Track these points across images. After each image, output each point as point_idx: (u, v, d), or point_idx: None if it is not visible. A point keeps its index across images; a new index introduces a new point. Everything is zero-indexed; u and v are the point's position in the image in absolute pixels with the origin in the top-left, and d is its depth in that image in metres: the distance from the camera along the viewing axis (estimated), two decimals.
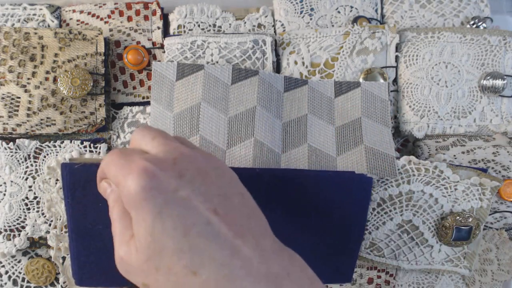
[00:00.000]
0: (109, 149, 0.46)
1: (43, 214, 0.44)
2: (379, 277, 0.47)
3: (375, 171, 0.42)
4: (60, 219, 0.43)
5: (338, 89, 0.46)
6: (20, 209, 0.43)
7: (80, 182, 0.35)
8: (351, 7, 0.49)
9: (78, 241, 0.37)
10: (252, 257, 0.25)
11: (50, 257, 0.45)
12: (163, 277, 0.25)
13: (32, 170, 0.44)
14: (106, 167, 0.28)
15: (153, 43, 0.48)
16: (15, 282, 0.45)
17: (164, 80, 0.43)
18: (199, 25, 0.49)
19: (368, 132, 0.44)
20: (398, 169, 0.43)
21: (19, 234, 0.43)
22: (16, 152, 0.44)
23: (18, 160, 0.44)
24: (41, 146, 0.44)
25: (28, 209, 0.43)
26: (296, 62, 0.47)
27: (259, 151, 0.42)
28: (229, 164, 0.42)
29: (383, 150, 0.43)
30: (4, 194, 0.43)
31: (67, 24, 0.49)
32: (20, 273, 0.45)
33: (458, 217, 0.42)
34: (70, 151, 0.44)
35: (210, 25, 0.49)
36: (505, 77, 0.46)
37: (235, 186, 0.28)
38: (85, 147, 0.44)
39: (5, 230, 0.43)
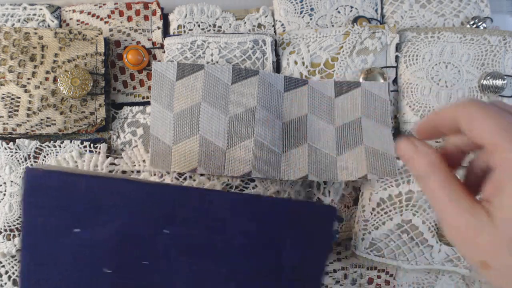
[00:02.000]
0: (109, 149, 0.46)
1: None
2: (379, 277, 0.47)
3: (375, 171, 0.42)
4: None
5: (338, 89, 0.46)
6: (20, 209, 0.43)
7: (39, 187, 0.34)
8: (351, 7, 0.49)
9: (30, 250, 0.34)
10: None
11: None
12: None
13: None
14: (482, 119, 0.23)
15: (153, 43, 0.48)
16: (15, 282, 0.45)
17: (164, 80, 0.43)
18: (199, 25, 0.49)
19: (368, 132, 0.44)
20: (398, 169, 0.43)
21: (19, 234, 0.43)
22: (16, 152, 0.44)
23: (18, 160, 0.44)
24: (41, 146, 0.44)
25: None
26: (296, 62, 0.47)
27: (259, 151, 0.42)
28: (229, 164, 0.42)
29: (383, 150, 0.43)
30: (4, 194, 0.44)
31: (67, 24, 0.49)
32: None
33: None
34: (70, 151, 0.44)
35: (210, 25, 0.49)
36: (505, 77, 0.46)
37: None
38: (85, 147, 0.45)
39: (5, 230, 0.43)
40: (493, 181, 0.23)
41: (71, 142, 0.45)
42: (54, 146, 0.44)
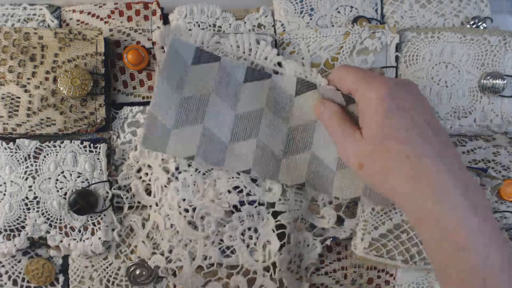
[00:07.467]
0: (109, 149, 0.46)
1: (43, 214, 0.44)
2: (379, 277, 0.47)
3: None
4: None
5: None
6: (20, 209, 0.43)
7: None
8: (351, 7, 0.49)
9: None
10: (453, 172, 0.32)
11: (50, 257, 0.45)
12: (379, 156, 0.34)
13: (32, 170, 0.44)
14: (346, 74, 0.38)
15: (153, 43, 0.48)
16: (15, 282, 0.45)
17: (179, 60, 0.41)
18: (199, 25, 0.49)
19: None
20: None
21: (19, 234, 0.43)
22: (16, 152, 0.44)
23: (18, 160, 0.44)
24: (41, 146, 0.44)
25: (28, 209, 0.43)
26: None
27: (261, 152, 0.42)
28: (229, 159, 0.41)
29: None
30: (4, 194, 0.44)
31: (67, 24, 0.49)
32: (20, 273, 0.45)
33: None
34: (70, 151, 0.44)
35: (210, 25, 0.49)
36: (505, 77, 0.46)
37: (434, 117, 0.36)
38: (85, 147, 0.45)
39: (5, 230, 0.43)
40: (359, 113, 0.37)
41: (71, 142, 0.45)
42: (54, 146, 0.44)
